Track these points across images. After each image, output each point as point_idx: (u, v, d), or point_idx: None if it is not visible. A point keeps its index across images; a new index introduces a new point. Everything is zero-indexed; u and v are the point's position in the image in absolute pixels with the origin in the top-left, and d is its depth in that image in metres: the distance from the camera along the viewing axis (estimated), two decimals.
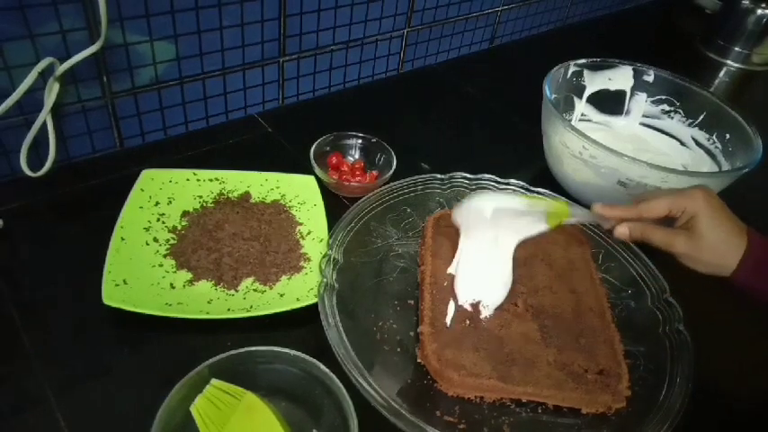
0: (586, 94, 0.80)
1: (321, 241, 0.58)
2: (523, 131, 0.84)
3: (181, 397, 0.40)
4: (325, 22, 0.77)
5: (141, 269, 0.53)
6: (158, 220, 0.59)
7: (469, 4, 0.94)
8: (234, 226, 0.59)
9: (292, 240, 0.59)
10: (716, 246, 0.47)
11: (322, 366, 0.43)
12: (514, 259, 0.55)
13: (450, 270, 0.56)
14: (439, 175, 0.66)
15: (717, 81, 1.12)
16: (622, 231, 0.50)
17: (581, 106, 0.81)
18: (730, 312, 0.61)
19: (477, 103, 0.90)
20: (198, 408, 0.40)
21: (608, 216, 0.51)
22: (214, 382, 0.42)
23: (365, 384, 0.44)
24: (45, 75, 0.57)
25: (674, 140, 0.80)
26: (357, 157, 0.71)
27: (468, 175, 0.67)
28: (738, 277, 0.48)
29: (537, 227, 0.53)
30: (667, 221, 0.50)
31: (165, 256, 0.55)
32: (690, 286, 0.52)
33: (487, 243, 0.55)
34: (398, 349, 0.51)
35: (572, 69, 0.78)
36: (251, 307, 0.51)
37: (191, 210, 0.61)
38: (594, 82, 0.80)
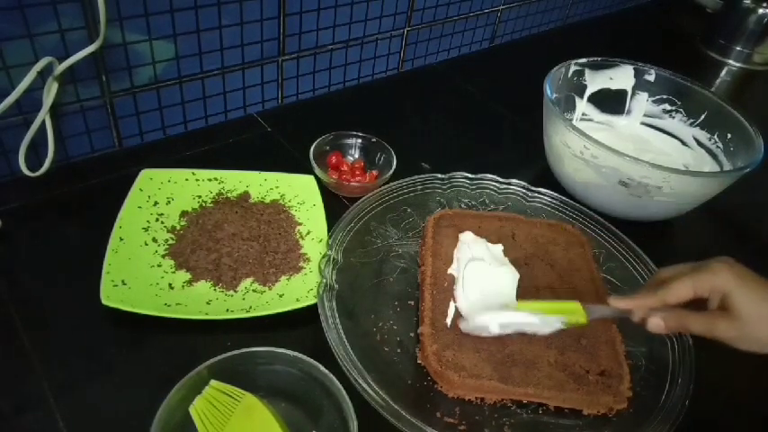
0: (587, 93, 0.80)
1: (321, 241, 0.58)
2: (524, 131, 0.84)
3: (180, 398, 0.40)
4: (324, 20, 0.76)
5: (140, 269, 0.53)
6: (157, 220, 0.58)
7: (470, 4, 0.94)
8: (233, 226, 0.58)
9: (292, 240, 0.59)
10: (761, 319, 0.41)
11: (321, 367, 0.43)
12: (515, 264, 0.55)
13: (451, 271, 0.56)
14: (439, 175, 0.66)
15: (718, 81, 1.11)
16: (657, 323, 0.44)
17: (582, 106, 0.81)
18: None
19: (477, 103, 0.90)
20: (197, 408, 0.40)
21: (628, 308, 0.46)
22: (213, 382, 0.41)
23: (365, 385, 0.44)
24: (44, 74, 0.57)
25: (676, 140, 0.80)
26: (357, 156, 0.71)
27: (468, 175, 0.67)
28: None
29: (548, 327, 0.49)
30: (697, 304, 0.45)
31: (163, 256, 0.55)
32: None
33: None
34: (398, 350, 0.50)
35: (573, 69, 0.78)
36: (250, 307, 0.51)
37: (189, 210, 0.60)
38: (595, 81, 0.80)
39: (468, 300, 0.52)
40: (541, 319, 0.47)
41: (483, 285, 0.53)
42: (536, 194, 0.67)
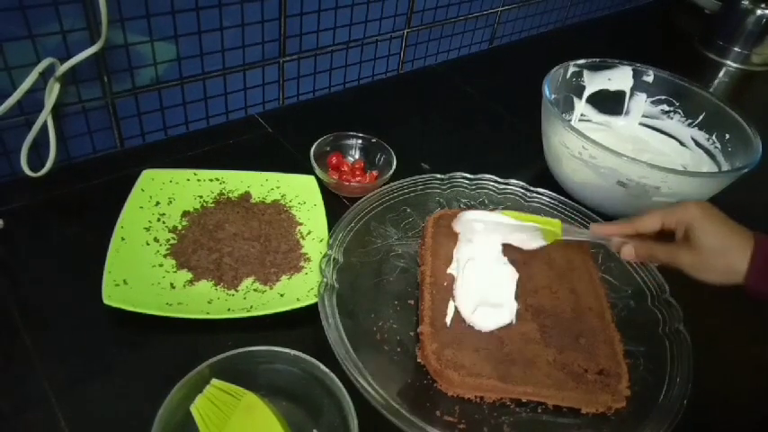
0: (586, 94, 0.80)
1: (321, 241, 0.58)
2: (523, 131, 0.84)
3: (181, 397, 0.40)
4: (325, 22, 0.77)
5: (141, 269, 0.53)
6: (159, 220, 0.59)
7: (469, 5, 0.94)
8: (234, 226, 0.59)
9: (292, 240, 0.59)
10: (718, 250, 0.45)
11: (322, 366, 0.43)
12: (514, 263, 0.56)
13: (450, 270, 0.56)
14: (439, 175, 0.66)
15: (716, 81, 1.12)
16: (628, 251, 0.50)
17: (580, 106, 0.81)
18: (730, 312, 0.61)
19: (476, 103, 0.90)
20: (198, 407, 0.40)
21: (603, 234, 0.52)
22: (214, 381, 0.42)
23: (365, 384, 0.44)
24: (45, 75, 0.57)
25: (674, 141, 0.80)
26: (357, 157, 0.72)
27: (468, 175, 0.67)
28: (751, 280, 0.45)
29: (534, 242, 0.55)
30: (668, 238, 0.49)
31: (165, 256, 0.55)
32: (690, 286, 0.52)
33: (486, 258, 0.56)
34: (398, 349, 0.51)
35: (571, 70, 0.78)
36: (251, 307, 0.51)
37: (191, 210, 0.61)
38: (594, 82, 0.80)
39: (468, 295, 0.53)
40: (521, 224, 0.52)
41: (482, 283, 0.54)
42: (535, 194, 0.67)
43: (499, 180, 0.67)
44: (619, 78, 0.80)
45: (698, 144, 0.77)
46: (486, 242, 0.57)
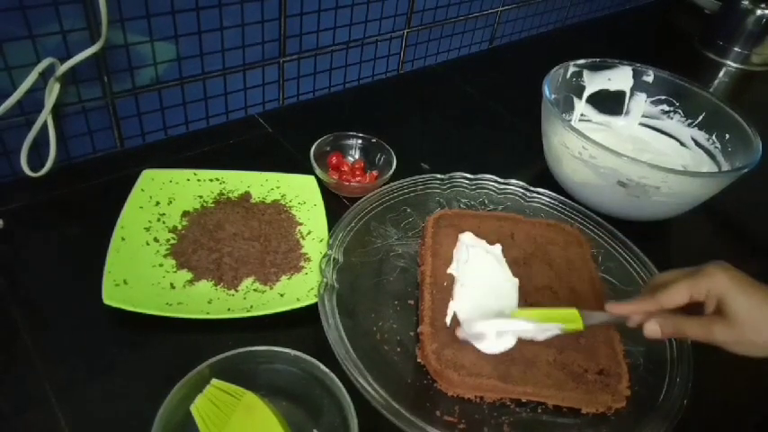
0: (586, 94, 0.80)
1: (321, 241, 0.58)
2: (523, 132, 0.84)
3: (181, 397, 0.40)
4: (325, 22, 0.77)
5: (141, 269, 0.53)
6: (159, 220, 0.59)
7: (469, 5, 0.94)
8: (234, 226, 0.59)
9: (292, 240, 0.59)
10: (758, 324, 0.41)
11: (322, 366, 0.43)
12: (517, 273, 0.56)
13: (450, 270, 0.56)
14: (439, 175, 0.66)
15: (716, 81, 1.12)
16: (653, 329, 0.44)
17: (580, 106, 0.81)
18: None
19: (477, 103, 0.90)
20: (198, 407, 0.40)
21: (624, 314, 0.46)
22: (214, 381, 0.42)
23: (365, 384, 0.44)
24: (45, 75, 0.57)
25: (674, 141, 0.80)
26: (357, 157, 0.72)
27: (468, 175, 0.67)
28: None
29: (550, 332, 0.49)
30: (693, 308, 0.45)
31: (165, 256, 0.55)
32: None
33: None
34: (398, 349, 0.51)
35: (571, 70, 0.78)
36: (251, 307, 0.51)
37: (191, 210, 0.61)
38: (594, 82, 0.80)
39: (467, 314, 0.51)
40: (538, 326, 0.47)
41: (482, 302, 0.53)
42: (535, 194, 0.67)
43: (499, 180, 0.67)
44: (619, 78, 0.80)
45: (698, 144, 0.77)
46: (485, 258, 0.57)
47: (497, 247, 0.59)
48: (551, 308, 0.49)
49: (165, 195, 0.61)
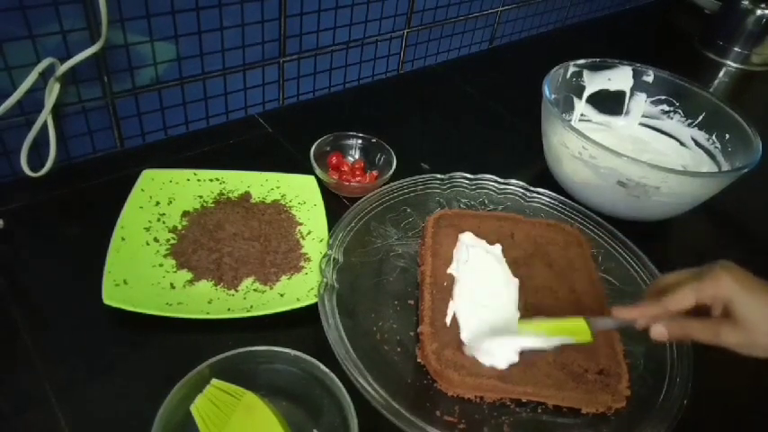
0: (586, 94, 0.80)
1: (321, 241, 0.58)
2: (523, 131, 0.84)
3: (181, 396, 0.40)
4: (325, 22, 0.77)
5: (141, 269, 0.53)
6: (159, 219, 0.59)
7: (469, 5, 0.94)
8: (234, 226, 0.59)
9: (292, 240, 0.59)
10: (765, 326, 0.41)
11: (322, 366, 0.43)
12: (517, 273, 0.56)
13: (450, 270, 0.56)
14: (439, 175, 0.66)
15: (716, 81, 1.12)
16: (660, 332, 0.44)
17: (580, 106, 0.81)
18: None
19: (477, 103, 0.90)
20: (198, 407, 0.40)
21: (630, 318, 0.46)
22: (214, 381, 0.42)
23: (365, 384, 0.44)
24: (45, 75, 0.57)
25: (674, 141, 0.80)
26: (357, 157, 0.72)
27: (468, 175, 0.67)
28: None
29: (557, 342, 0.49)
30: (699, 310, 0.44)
31: (165, 255, 0.55)
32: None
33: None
34: (398, 349, 0.51)
35: (571, 70, 0.78)
36: (251, 307, 0.51)
37: (191, 210, 0.61)
38: (594, 82, 0.80)
39: (470, 330, 0.51)
40: (546, 341, 0.47)
41: (483, 313, 0.52)
42: (535, 194, 0.67)
43: (499, 180, 0.67)
44: (619, 78, 0.80)
45: (698, 144, 0.77)
46: (485, 259, 0.57)
47: (497, 247, 0.59)
48: (557, 318, 0.49)
49: (165, 195, 0.61)
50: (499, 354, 0.48)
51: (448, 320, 0.51)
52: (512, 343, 0.49)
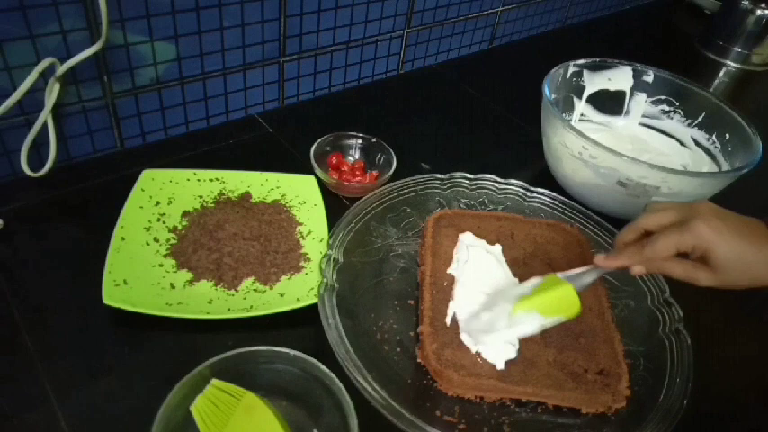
0: (586, 94, 0.80)
1: (321, 241, 0.58)
2: (523, 131, 0.84)
3: (181, 396, 0.40)
4: (325, 22, 0.77)
5: (141, 269, 0.53)
6: (159, 220, 0.59)
7: (469, 5, 0.94)
8: (234, 226, 0.59)
9: (292, 240, 0.59)
10: (739, 269, 0.44)
11: (322, 366, 0.43)
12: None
13: (450, 270, 0.56)
14: (439, 175, 0.66)
15: (716, 81, 1.12)
16: (639, 270, 0.47)
17: (580, 106, 0.81)
18: (730, 312, 0.61)
19: (476, 104, 0.90)
20: (198, 407, 0.40)
21: (612, 267, 0.48)
22: (214, 381, 0.42)
23: (365, 384, 0.44)
24: (46, 75, 0.57)
25: (674, 141, 0.80)
26: (357, 157, 0.72)
27: (468, 175, 0.67)
28: None
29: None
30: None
31: (165, 255, 0.55)
32: (690, 286, 0.52)
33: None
34: (398, 349, 0.51)
35: (571, 70, 0.78)
36: (251, 307, 0.51)
37: (191, 210, 0.61)
38: (594, 82, 0.80)
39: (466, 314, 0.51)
40: (540, 324, 0.48)
41: (482, 302, 0.53)
42: (535, 194, 0.67)
43: (499, 180, 0.67)
44: (619, 78, 0.80)
45: (698, 144, 0.77)
46: (484, 258, 0.57)
47: (497, 247, 0.59)
48: (544, 289, 0.49)
49: (165, 195, 0.61)
50: (495, 347, 0.49)
51: (448, 320, 0.52)
52: (506, 335, 0.49)
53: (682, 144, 0.79)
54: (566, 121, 0.66)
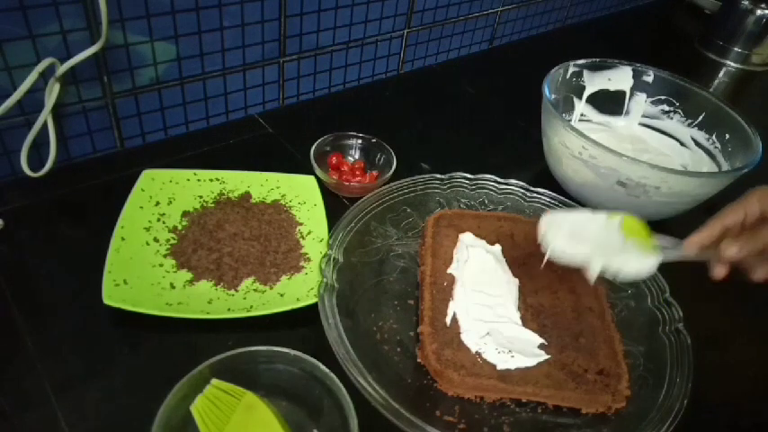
0: (586, 94, 0.80)
1: (321, 241, 0.58)
2: (523, 132, 0.84)
3: (181, 396, 0.40)
4: (325, 22, 0.77)
5: (141, 269, 0.53)
6: (159, 219, 0.59)
7: (469, 5, 0.94)
8: (234, 226, 0.59)
9: (292, 240, 0.59)
10: None
11: (322, 366, 0.43)
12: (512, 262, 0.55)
13: (450, 270, 0.56)
14: (439, 175, 0.66)
15: (716, 81, 1.12)
16: (731, 249, 0.46)
17: (580, 106, 0.81)
18: (730, 312, 0.61)
19: (476, 104, 0.90)
20: (198, 407, 0.40)
21: (700, 242, 0.47)
22: (214, 381, 0.42)
23: (365, 384, 0.44)
24: (46, 75, 0.57)
25: (674, 141, 0.80)
26: (357, 157, 0.72)
27: (468, 175, 0.67)
28: None
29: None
30: None
31: (165, 255, 0.55)
32: (690, 286, 0.52)
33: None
34: (398, 349, 0.51)
35: (571, 70, 0.78)
36: (251, 307, 0.51)
37: (191, 210, 0.61)
38: (594, 82, 0.80)
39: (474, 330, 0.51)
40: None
41: (482, 302, 0.53)
42: (535, 194, 0.67)
43: (499, 180, 0.67)
44: (619, 78, 0.80)
45: (698, 144, 0.77)
46: (483, 256, 0.57)
47: (497, 247, 0.59)
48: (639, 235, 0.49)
49: (165, 195, 0.61)
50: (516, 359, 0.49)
51: (448, 320, 0.52)
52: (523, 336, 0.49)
53: (682, 144, 0.79)
54: (566, 121, 0.66)
